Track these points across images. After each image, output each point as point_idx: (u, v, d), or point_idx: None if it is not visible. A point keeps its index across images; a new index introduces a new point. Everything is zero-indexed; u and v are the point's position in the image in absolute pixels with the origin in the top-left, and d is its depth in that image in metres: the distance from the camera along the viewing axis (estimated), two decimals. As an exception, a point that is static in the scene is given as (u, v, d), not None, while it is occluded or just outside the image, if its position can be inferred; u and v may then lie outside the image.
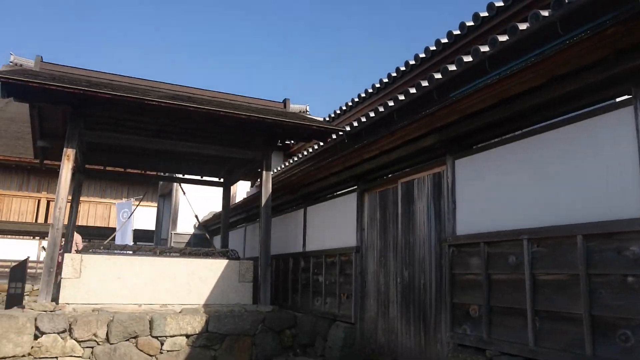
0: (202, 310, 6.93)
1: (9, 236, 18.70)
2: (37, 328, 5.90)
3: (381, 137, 4.92)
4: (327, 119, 10.30)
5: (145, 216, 20.42)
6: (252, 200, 9.68)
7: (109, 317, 6.20)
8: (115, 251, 7.34)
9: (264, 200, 7.78)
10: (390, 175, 5.52)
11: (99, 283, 6.87)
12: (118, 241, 13.69)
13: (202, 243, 13.96)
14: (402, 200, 5.16)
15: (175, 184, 14.16)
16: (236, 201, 14.30)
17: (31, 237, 18.91)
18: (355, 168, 5.94)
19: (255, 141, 8.40)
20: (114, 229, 20.47)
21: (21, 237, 18.83)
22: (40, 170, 20.82)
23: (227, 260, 7.71)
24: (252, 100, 9.55)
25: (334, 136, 7.34)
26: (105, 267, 6.96)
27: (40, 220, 21.16)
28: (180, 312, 6.81)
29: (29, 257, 10.35)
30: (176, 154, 9.47)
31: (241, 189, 14.85)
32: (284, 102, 9.80)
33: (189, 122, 7.36)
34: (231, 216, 12.12)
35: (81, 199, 21.83)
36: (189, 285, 7.37)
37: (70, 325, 6.02)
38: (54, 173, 21.38)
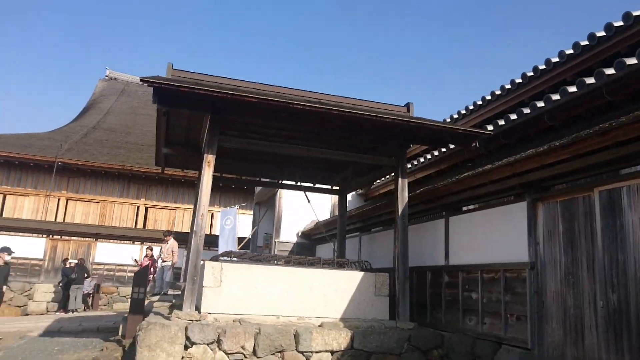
0: (342, 325, 6.56)
1: (112, 240, 19.44)
2: (187, 338, 5.75)
3: (583, 139, 4.30)
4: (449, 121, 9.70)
5: (240, 223, 20.66)
6: (373, 209, 9.25)
7: (254, 329, 5.96)
8: (249, 260, 7.13)
9: (400, 210, 7.32)
10: (580, 183, 4.87)
11: (238, 293, 6.68)
12: (222, 248, 13.75)
13: (305, 252, 13.74)
14: (603, 211, 4.50)
15: (278, 191, 14.04)
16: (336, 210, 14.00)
17: (131, 242, 19.59)
18: (527, 175, 5.33)
19: (387, 146, 7.99)
20: (207, 236, 20.89)
21: (122, 241, 19.54)
22: (140, 177, 21.75)
23: (363, 272, 7.31)
24: (374, 104, 9.14)
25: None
26: (243, 276, 6.76)
27: (139, 225, 21.95)
28: (320, 325, 6.48)
29: (149, 263, 10.51)
30: (294, 160, 9.28)
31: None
32: (407, 106, 9.30)
33: (323, 126, 7.06)
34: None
35: (177, 205, 22.66)
36: (325, 297, 7.03)
37: (219, 336, 5.82)
38: (152, 180, 22.35)
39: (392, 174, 9.18)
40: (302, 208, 14.10)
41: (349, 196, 14.72)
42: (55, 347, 9.19)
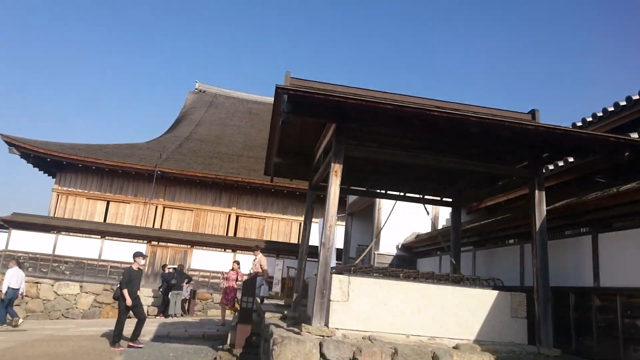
0: (479, 349, 6.05)
1: (206, 248, 19.92)
2: (322, 355, 5.49)
3: None
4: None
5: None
6: (494, 223, 8.65)
7: (390, 349, 5.60)
8: (378, 274, 6.81)
9: (538, 225, 6.71)
10: None
11: (366, 308, 6.37)
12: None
13: (405, 265, 13.28)
14: None
15: (377, 202, 13.69)
16: (438, 223, 13.41)
17: (224, 250, 19.98)
18: None
19: (515, 155, 7.42)
20: (294, 244, 20.92)
21: (216, 249, 19.98)
22: (232, 186, 22.24)
23: (497, 292, 6.75)
24: (496, 111, 8.58)
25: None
26: (371, 292, 6.45)
27: (230, 233, 22.42)
28: (455, 347, 6.01)
29: (257, 272, 10.52)
30: (407, 170, 8.89)
31: (444, 209, 13.89)
32: (532, 113, 8.65)
33: (454, 134, 6.62)
34: (447, 240, 11.25)
35: (266, 214, 22.93)
36: (457, 316, 6.56)
37: (354, 354, 5.52)
38: (243, 190, 22.81)
39: (521, 185, 8.54)
40: (401, 219, 13.68)
41: (443, 208, 14.14)
42: (170, 354, 9.34)
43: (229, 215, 22.73)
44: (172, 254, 19.48)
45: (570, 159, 7.71)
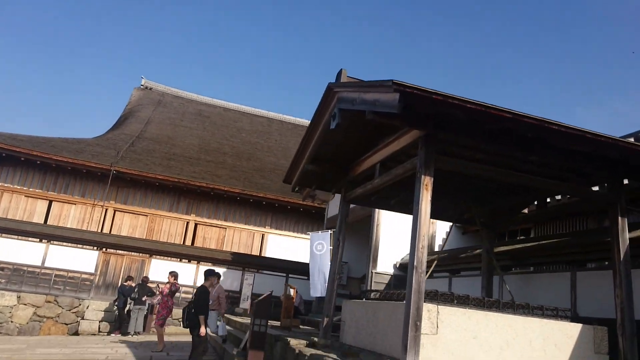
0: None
1: (166, 258, 18.26)
2: (435, 402, 4.66)
3: None
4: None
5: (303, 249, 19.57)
6: (538, 248, 8.24)
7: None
8: (467, 303, 6.05)
9: (621, 254, 6.31)
10: None
11: (455, 343, 5.60)
12: (314, 277, 12.65)
13: (403, 286, 12.65)
14: None
15: (374, 216, 12.99)
16: (452, 242, 12.96)
17: (186, 260, 18.41)
18: None
19: (599, 176, 7.00)
20: (270, 259, 19.74)
21: (177, 259, 18.36)
22: (193, 192, 20.66)
23: (582, 325, 6.24)
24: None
25: None
26: (460, 323, 5.70)
27: (188, 242, 20.82)
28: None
29: (272, 291, 9.41)
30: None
31: (440, 229, 13.51)
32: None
33: (539, 149, 6.07)
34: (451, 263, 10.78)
35: (227, 224, 21.51)
36: (545, 353, 5.96)
37: (469, 401, 4.73)
38: (204, 196, 21.30)
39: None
40: (398, 237, 13.10)
41: (440, 228, 13.75)
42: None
43: (187, 223, 21.10)
44: (128, 263, 17.61)
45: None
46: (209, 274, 9.14)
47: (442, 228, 13.54)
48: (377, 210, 12.90)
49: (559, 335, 6.08)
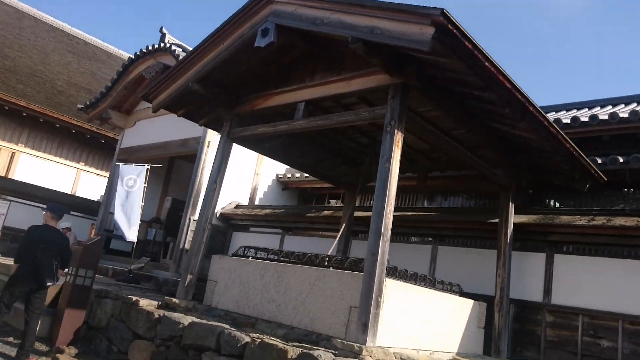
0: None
1: None
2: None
3: None
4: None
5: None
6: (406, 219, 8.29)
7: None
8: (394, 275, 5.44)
9: (508, 237, 6.75)
10: None
11: (394, 320, 5.05)
12: (118, 216, 10.38)
13: (218, 237, 11.60)
14: None
15: (203, 151, 11.25)
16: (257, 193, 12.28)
17: None
18: None
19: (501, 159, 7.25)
20: (5, 179, 15.56)
21: None
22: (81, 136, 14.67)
23: (473, 301, 6.41)
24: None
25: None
26: (400, 299, 5.15)
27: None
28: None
29: (101, 236, 7.00)
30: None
31: (263, 183, 12.70)
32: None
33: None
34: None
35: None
36: (449, 328, 5.93)
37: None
38: (94, 142, 15.19)
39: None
40: (224, 182, 11.75)
41: (263, 180, 12.97)
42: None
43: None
44: None
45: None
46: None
47: (264, 182, 12.80)
48: (204, 149, 11.26)
49: (458, 310, 6.13)
